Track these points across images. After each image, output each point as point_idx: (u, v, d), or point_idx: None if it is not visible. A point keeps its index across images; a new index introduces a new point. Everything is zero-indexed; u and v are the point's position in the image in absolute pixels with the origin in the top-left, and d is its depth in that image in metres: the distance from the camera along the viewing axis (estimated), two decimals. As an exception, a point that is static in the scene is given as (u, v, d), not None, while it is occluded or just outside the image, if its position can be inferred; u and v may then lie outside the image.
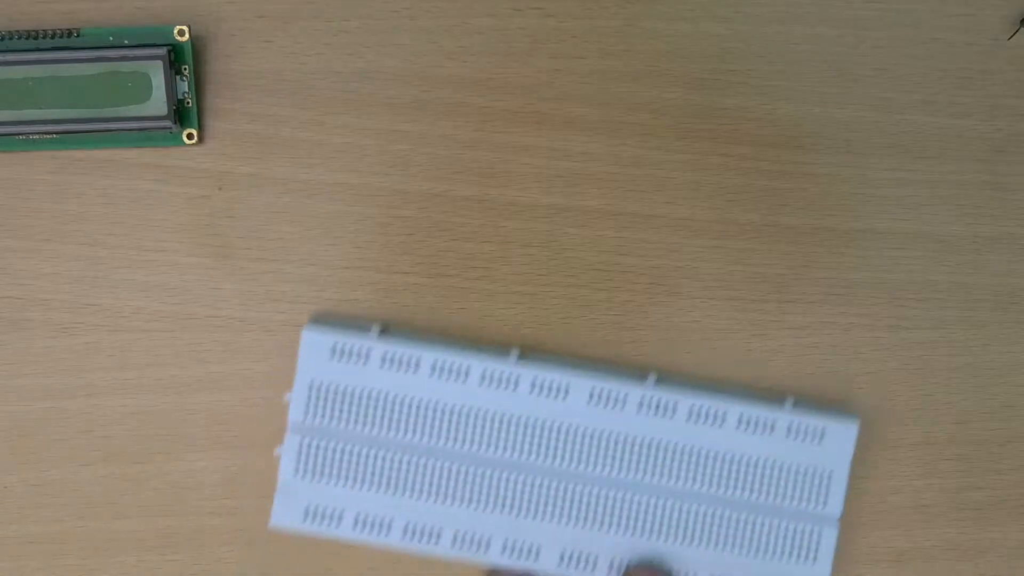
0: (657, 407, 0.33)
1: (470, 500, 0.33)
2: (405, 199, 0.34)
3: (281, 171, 0.34)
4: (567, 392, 0.33)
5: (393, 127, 0.34)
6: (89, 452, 0.34)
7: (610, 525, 0.33)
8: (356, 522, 0.33)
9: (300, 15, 0.34)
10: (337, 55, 0.34)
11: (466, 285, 0.34)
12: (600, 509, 0.33)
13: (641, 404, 0.33)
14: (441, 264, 0.34)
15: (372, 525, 0.33)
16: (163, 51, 0.32)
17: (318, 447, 0.32)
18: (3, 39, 0.32)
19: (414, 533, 0.33)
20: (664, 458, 0.33)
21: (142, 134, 0.33)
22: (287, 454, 0.33)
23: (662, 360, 0.35)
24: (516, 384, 0.33)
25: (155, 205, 0.34)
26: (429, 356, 0.32)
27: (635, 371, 0.34)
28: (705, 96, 0.34)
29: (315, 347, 0.32)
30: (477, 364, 0.32)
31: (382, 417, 0.33)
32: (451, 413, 0.33)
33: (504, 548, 0.33)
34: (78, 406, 0.34)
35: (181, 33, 0.33)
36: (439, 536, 0.33)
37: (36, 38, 0.32)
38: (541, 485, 0.33)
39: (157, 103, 0.32)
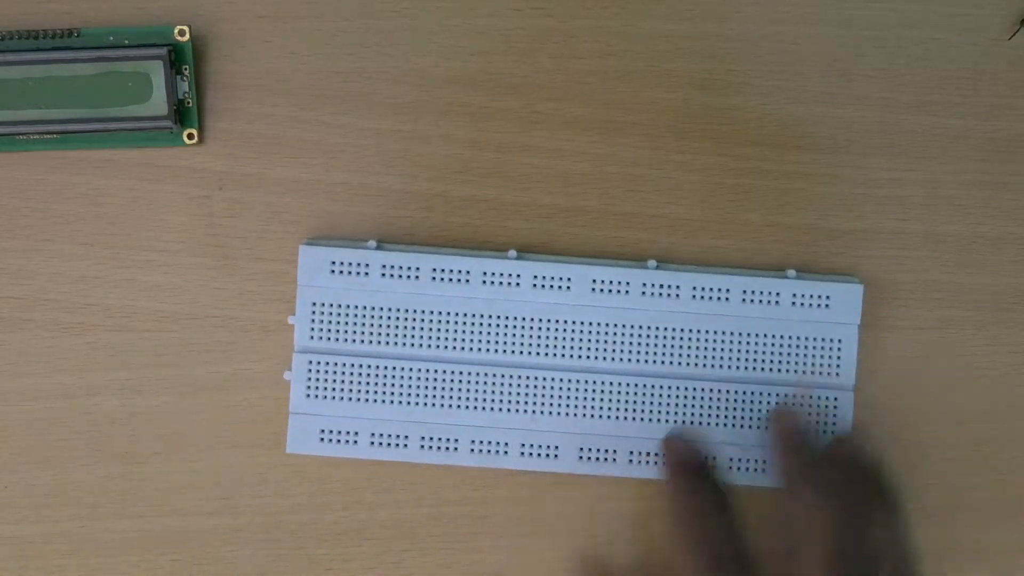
0: (661, 289, 0.33)
1: (484, 405, 0.33)
2: (405, 199, 0.34)
3: (281, 171, 0.34)
4: (570, 283, 0.33)
5: (393, 127, 0.34)
6: (89, 452, 0.34)
7: (628, 415, 0.33)
8: (372, 440, 0.33)
9: (300, 15, 0.34)
10: (337, 55, 0.34)
11: (466, 285, 0.34)
12: (617, 400, 0.33)
13: (645, 288, 0.33)
14: (441, 264, 0.34)
15: (388, 441, 0.33)
16: (163, 51, 0.32)
17: (326, 367, 0.32)
18: (3, 39, 0.32)
19: (431, 444, 0.33)
20: (674, 341, 0.33)
21: (142, 134, 0.33)
22: (296, 378, 0.33)
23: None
24: (518, 281, 0.33)
25: (155, 205, 0.34)
26: (428, 262, 0.32)
27: (635, 260, 0.34)
28: (705, 96, 0.34)
29: (314, 263, 0.32)
30: (477, 265, 0.33)
31: (387, 330, 0.33)
32: (456, 318, 0.33)
33: (523, 450, 0.33)
34: (78, 406, 0.34)
35: (181, 33, 0.33)
36: (457, 444, 0.33)
37: (36, 38, 0.32)
38: (552, 383, 0.33)
39: (157, 103, 0.32)
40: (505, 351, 0.33)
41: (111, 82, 0.32)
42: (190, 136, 0.33)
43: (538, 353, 0.33)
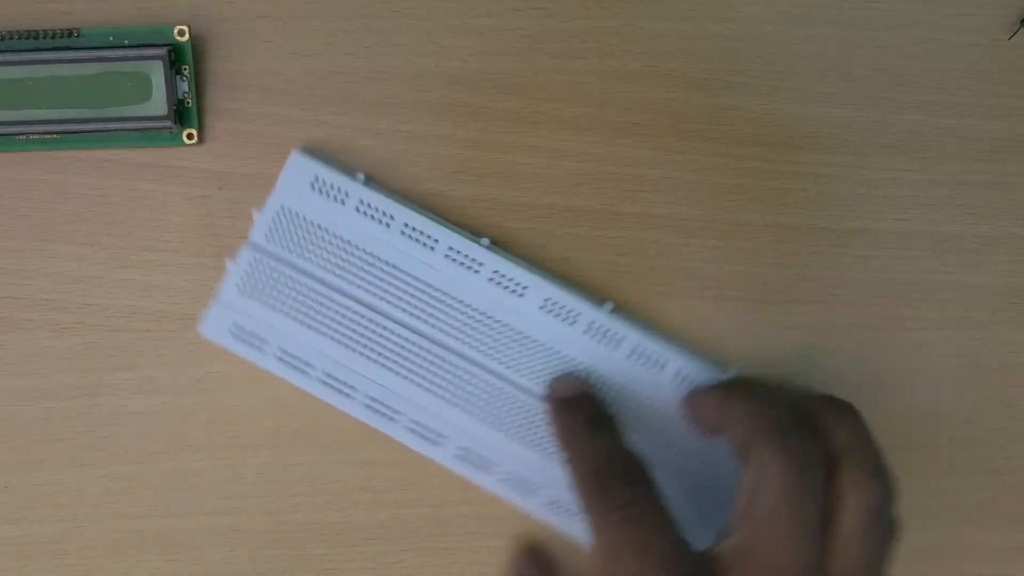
0: (604, 336, 0.33)
1: (393, 368, 0.33)
2: (405, 199, 0.34)
3: (281, 171, 0.34)
4: (525, 291, 0.33)
5: (393, 127, 0.34)
6: (89, 452, 0.34)
7: (518, 434, 0.33)
8: (280, 355, 0.33)
9: (300, 15, 0.34)
10: (337, 55, 0.34)
11: (466, 285, 0.34)
12: (512, 420, 0.33)
13: (591, 327, 0.33)
14: (441, 264, 0.34)
15: (293, 363, 0.33)
16: (163, 51, 0.32)
17: (268, 271, 0.33)
18: (3, 39, 0.32)
19: (332, 383, 0.33)
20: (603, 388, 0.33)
21: (142, 134, 0.33)
22: (236, 268, 0.33)
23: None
24: (479, 268, 0.33)
25: (155, 205, 0.34)
26: (403, 215, 0.33)
27: (599, 299, 0.34)
28: (705, 96, 0.34)
29: (298, 172, 0.33)
30: (447, 237, 0.33)
31: (339, 263, 0.33)
32: (405, 278, 0.33)
33: (411, 427, 0.33)
34: (78, 406, 0.34)
35: (181, 33, 0.33)
36: (353, 392, 0.33)
37: (36, 38, 0.32)
38: (464, 377, 0.33)
39: (157, 103, 0.32)
40: (433, 326, 0.33)
41: (111, 82, 0.32)
42: (190, 136, 0.33)
43: (464, 342, 0.33)
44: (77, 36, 0.33)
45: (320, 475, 0.34)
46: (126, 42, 0.33)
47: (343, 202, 0.32)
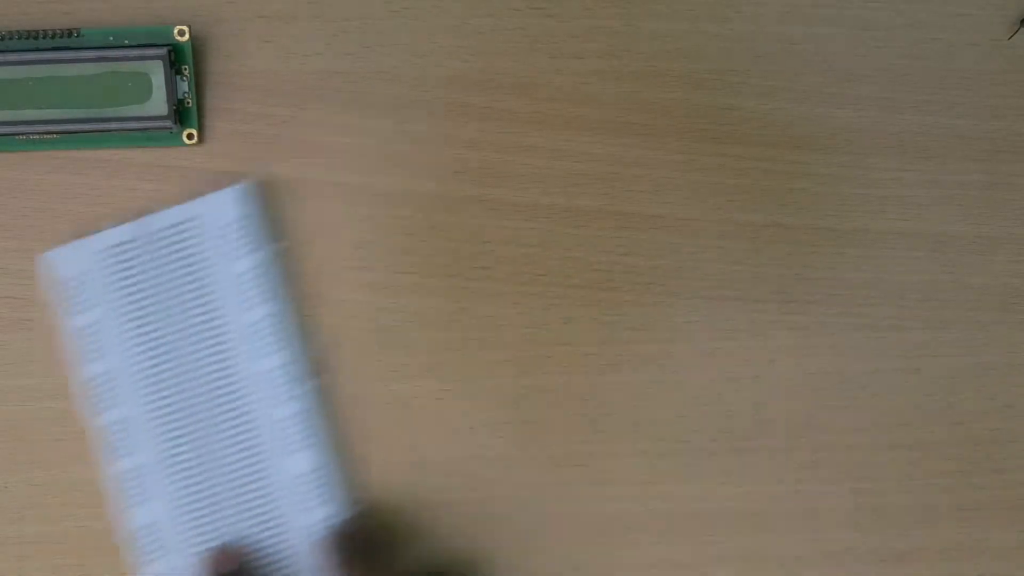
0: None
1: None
2: (405, 199, 0.34)
3: (281, 171, 0.34)
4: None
5: (393, 127, 0.34)
6: (89, 452, 0.34)
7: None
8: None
9: (300, 15, 0.34)
10: (337, 55, 0.34)
11: (466, 285, 0.34)
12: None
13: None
14: (441, 264, 0.34)
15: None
16: (163, 51, 0.32)
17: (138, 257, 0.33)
18: (3, 39, 0.32)
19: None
20: None
21: (142, 134, 0.33)
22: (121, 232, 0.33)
23: (661, 359, 0.35)
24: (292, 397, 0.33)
25: (155, 205, 0.34)
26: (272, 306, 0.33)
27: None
28: (705, 96, 0.34)
29: (234, 202, 0.33)
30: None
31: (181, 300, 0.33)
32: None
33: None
34: (78, 406, 0.34)
35: (181, 33, 0.33)
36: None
37: (36, 38, 0.32)
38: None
39: (157, 103, 0.32)
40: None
41: (111, 82, 0.32)
42: (190, 136, 0.33)
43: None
44: (77, 36, 0.33)
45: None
46: (126, 42, 0.33)
47: (242, 254, 0.32)
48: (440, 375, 0.34)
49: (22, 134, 0.33)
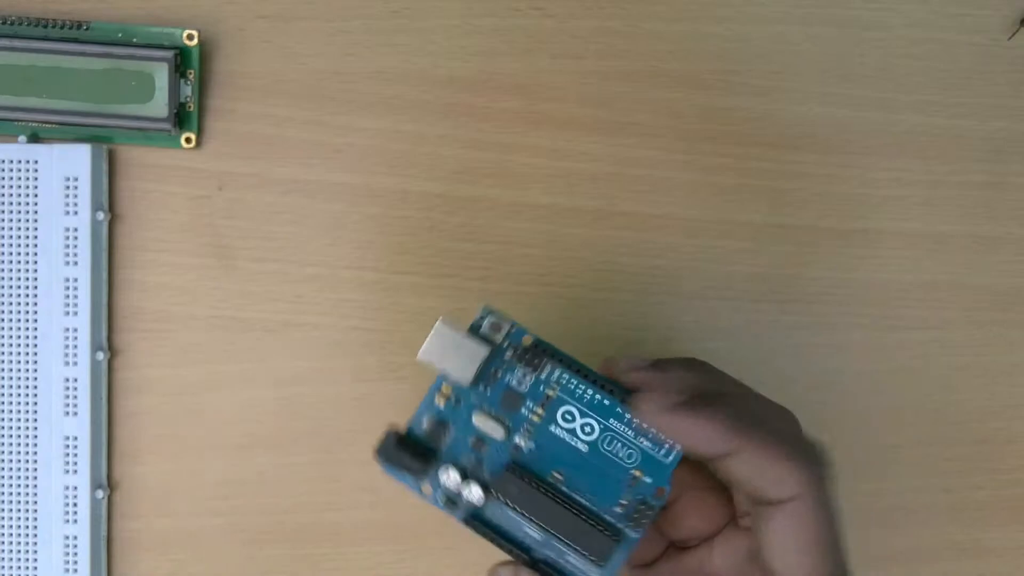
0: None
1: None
2: (405, 199, 0.34)
3: (281, 171, 0.34)
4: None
5: (393, 127, 0.34)
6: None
7: None
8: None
9: (300, 15, 0.34)
10: (337, 55, 0.34)
11: (466, 285, 0.34)
12: None
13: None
14: (441, 264, 0.34)
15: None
16: (169, 54, 0.32)
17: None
18: (12, 24, 0.32)
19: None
20: None
21: (141, 133, 0.33)
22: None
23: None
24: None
25: (155, 205, 0.34)
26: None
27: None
28: (705, 96, 0.34)
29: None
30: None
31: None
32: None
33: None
34: (78, 406, 0.34)
35: (190, 37, 0.33)
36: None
37: (46, 27, 0.33)
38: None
39: (159, 105, 0.32)
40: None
41: (115, 79, 0.32)
42: (188, 140, 0.33)
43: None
44: (87, 29, 0.33)
45: (320, 475, 0.34)
46: (134, 40, 0.33)
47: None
48: (440, 375, 0.34)
49: (21, 120, 0.33)
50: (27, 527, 0.33)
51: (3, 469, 0.33)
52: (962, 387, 0.35)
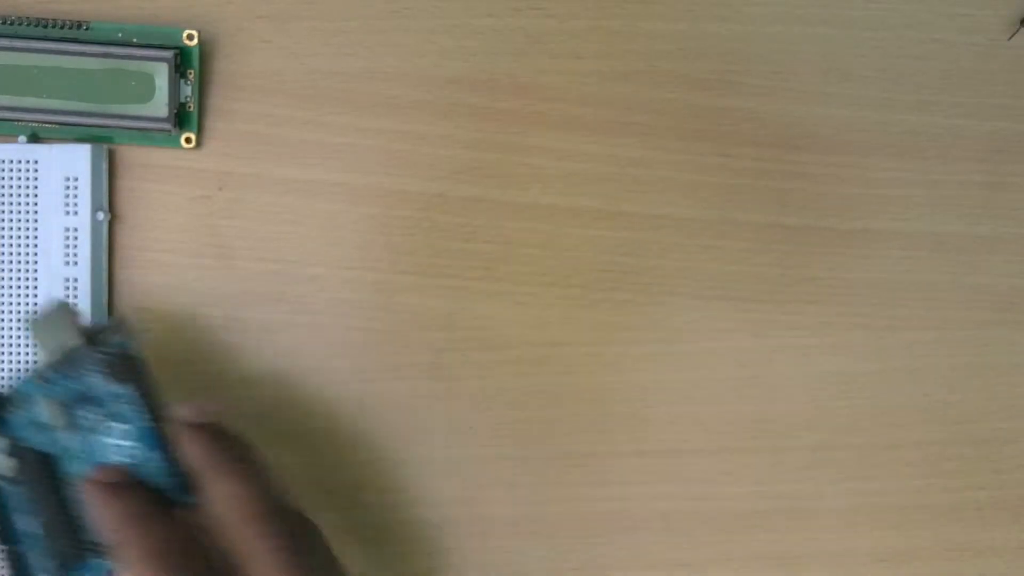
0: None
1: None
2: (405, 199, 0.34)
3: (281, 171, 0.34)
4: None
5: (393, 127, 0.34)
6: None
7: None
8: None
9: (300, 15, 0.34)
10: (337, 55, 0.34)
11: (466, 285, 0.34)
12: None
13: None
14: (441, 264, 0.34)
15: None
16: (170, 54, 0.32)
17: None
18: (12, 24, 0.32)
19: None
20: None
21: (141, 133, 0.33)
22: None
23: (661, 359, 0.35)
24: None
25: (155, 205, 0.34)
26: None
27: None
28: (705, 96, 0.34)
29: None
30: None
31: None
32: None
33: None
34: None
35: (190, 37, 0.33)
36: None
37: (45, 26, 0.33)
38: None
39: (159, 105, 0.32)
40: None
41: (115, 79, 0.32)
42: (188, 140, 0.33)
43: None
44: (87, 29, 0.33)
45: (319, 474, 0.34)
46: (135, 40, 0.33)
47: None
48: (440, 375, 0.34)
49: (21, 120, 0.33)
50: None
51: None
52: (962, 387, 0.35)
